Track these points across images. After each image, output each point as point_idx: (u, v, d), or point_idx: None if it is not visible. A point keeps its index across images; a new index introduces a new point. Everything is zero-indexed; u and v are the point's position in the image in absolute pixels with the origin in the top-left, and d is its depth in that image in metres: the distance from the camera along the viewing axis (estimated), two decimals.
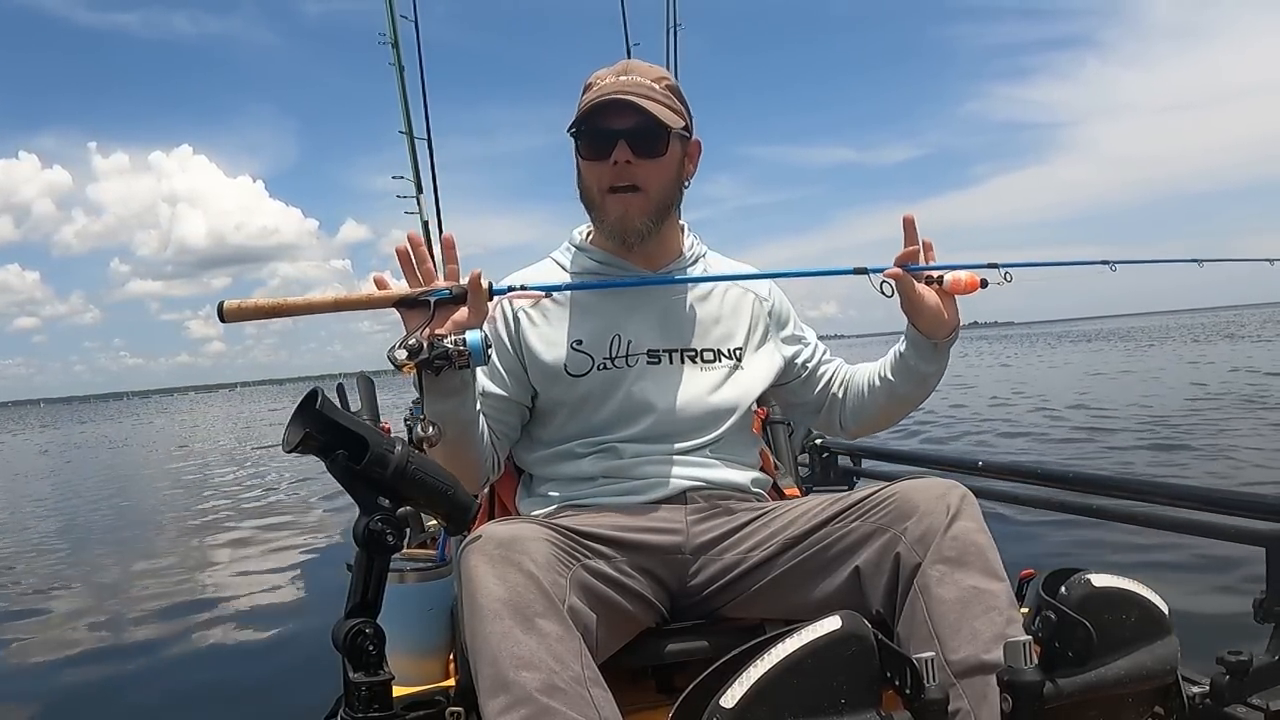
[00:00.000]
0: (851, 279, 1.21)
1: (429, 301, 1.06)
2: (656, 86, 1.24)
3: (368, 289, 1.08)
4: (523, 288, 1.17)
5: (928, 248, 1.20)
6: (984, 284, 1.20)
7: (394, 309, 1.08)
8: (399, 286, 1.09)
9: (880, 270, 1.19)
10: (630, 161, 1.22)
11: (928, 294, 1.21)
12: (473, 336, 1.03)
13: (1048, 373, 18.50)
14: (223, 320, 1.02)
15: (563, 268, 1.35)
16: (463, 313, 1.07)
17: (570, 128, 1.24)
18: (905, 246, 1.20)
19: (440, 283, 1.09)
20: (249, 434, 20.52)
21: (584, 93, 1.26)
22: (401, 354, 1.00)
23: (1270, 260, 1.51)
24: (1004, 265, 1.20)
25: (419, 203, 3.22)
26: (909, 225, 1.19)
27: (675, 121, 1.22)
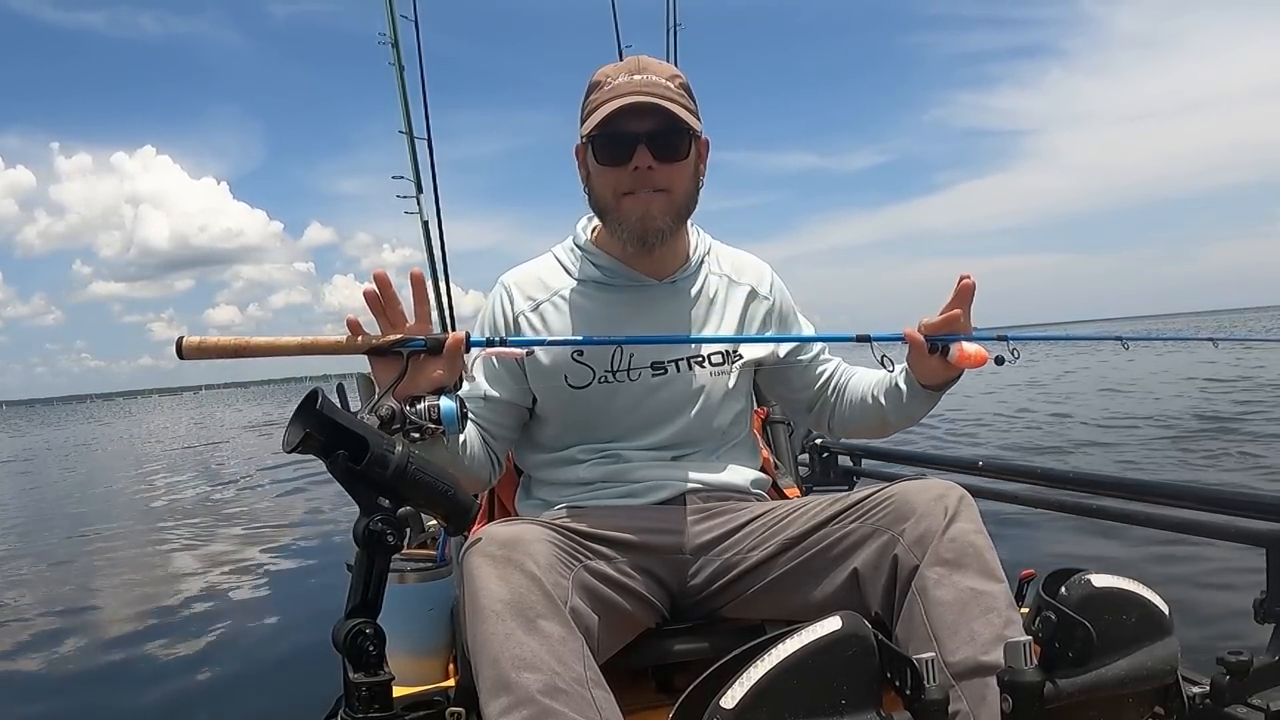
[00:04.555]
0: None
1: (401, 352, 1.00)
2: (671, 85, 1.18)
3: (336, 332, 1.01)
4: (502, 342, 1.11)
5: (963, 304, 1.13)
6: (1000, 361, 1.14)
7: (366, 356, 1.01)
8: (370, 332, 1.01)
9: (885, 338, 1.17)
10: (652, 167, 1.17)
11: (933, 361, 1.15)
12: (447, 406, 0.98)
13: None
14: (181, 357, 0.96)
15: (564, 269, 1.31)
16: (438, 370, 1.00)
17: (586, 133, 1.18)
18: (942, 312, 1.13)
19: (413, 327, 1.01)
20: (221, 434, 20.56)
21: (590, 91, 1.21)
22: (374, 422, 0.94)
23: None
24: (1013, 338, 1.18)
25: (419, 203, 3.23)
26: (963, 291, 1.13)
27: (695, 123, 1.18)
